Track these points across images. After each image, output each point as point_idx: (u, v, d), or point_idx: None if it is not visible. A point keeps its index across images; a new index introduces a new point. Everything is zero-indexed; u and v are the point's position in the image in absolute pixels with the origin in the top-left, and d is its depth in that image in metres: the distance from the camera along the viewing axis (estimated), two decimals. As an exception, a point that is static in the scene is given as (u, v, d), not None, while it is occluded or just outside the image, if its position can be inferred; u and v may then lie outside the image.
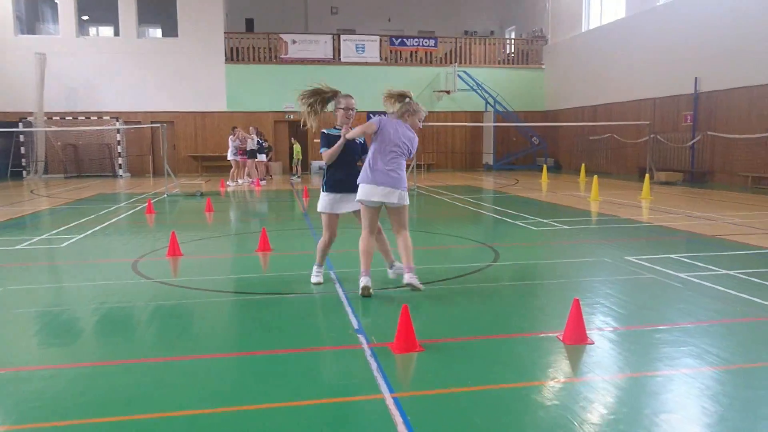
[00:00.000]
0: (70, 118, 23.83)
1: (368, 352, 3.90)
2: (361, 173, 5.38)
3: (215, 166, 24.91)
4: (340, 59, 25.88)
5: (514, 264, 6.83)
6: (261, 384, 3.47)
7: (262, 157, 19.54)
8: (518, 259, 7.16)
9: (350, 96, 5.75)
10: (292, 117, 25.77)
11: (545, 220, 10.08)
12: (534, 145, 25.91)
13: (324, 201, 5.65)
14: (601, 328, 4.39)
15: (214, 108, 25.08)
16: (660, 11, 19.70)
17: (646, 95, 20.48)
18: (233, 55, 25.39)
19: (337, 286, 5.69)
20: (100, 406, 3.18)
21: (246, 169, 19.23)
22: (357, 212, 5.61)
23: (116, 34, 25.67)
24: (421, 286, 5.29)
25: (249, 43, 25.76)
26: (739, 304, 4.96)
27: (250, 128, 19.48)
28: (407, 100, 5.56)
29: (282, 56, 25.44)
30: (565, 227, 9.36)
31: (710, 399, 3.19)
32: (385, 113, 5.63)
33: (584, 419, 2.97)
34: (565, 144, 25.89)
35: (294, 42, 25.57)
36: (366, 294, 5.17)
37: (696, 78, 18.01)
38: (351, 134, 5.44)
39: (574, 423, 2.93)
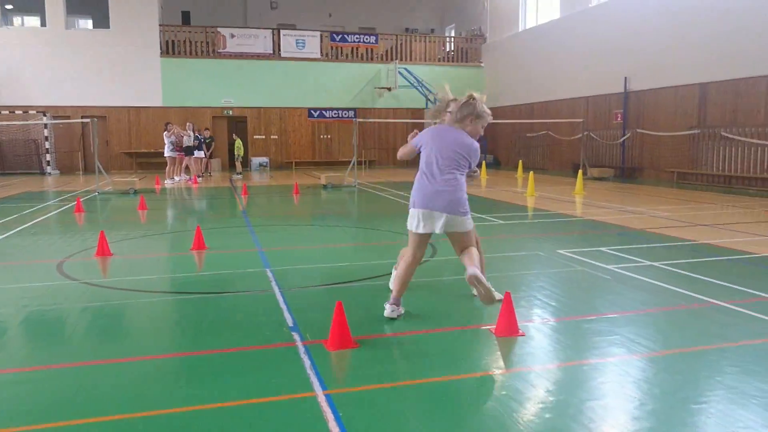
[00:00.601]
0: (-7, 112, 22.61)
1: (302, 350, 3.86)
2: (411, 194, 4.56)
3: (150, 162, 24.19)
4: (280, 54, 25.58)
5: (451, 259, 6.89)
6: (193, 386, 3.38)
7: (200, 154, 19.06)
8: (453, 254, 7.23)
9: (458, 100, 4.83)
10: (231, 112, 25.30)
11: (483, 216, 10.25)
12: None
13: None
14: (532, 320, 4.49)
15: (149, 103, 24.32)
16: (592, 13, 20.36)
17: (579, 93, 21.15)
18: (169, 49, 24.67)
19: (273, 284, 5.60)
20: (22, 414, 3.01)
21: (183, 165, 18.76)
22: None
23: (43, 24, 24.53)
24: (491, 289, 4.18)
25: (185, 36, 25.10)
26: (663, 294, 5.18)
27: (187, 124, 18.97)
28: (471, 100, 4.60)
29: (220, 50, 24.92)
30: (502, 222, 9.55)
31: (633, 385, 3.31)
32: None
33: (513, 410, 3.02)
34: (504, 141, 26.45)
35: (233, 36, 25.08)
36: (473, 283, 4.14)
37: (626, 78, 18.72)
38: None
39: (504, 415, 2.98)
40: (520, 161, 21.37)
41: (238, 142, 21.64)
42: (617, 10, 19.09)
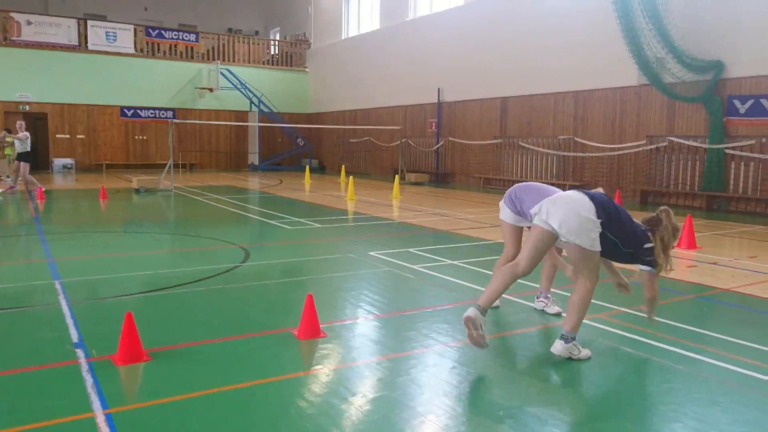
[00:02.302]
0: None
1: (85, 367, 3.55)
2: None
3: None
4: (87, 47, 23.49)
5: (262, 263, 6.84)
6: (-59, 418, 2.94)
7: None
8: (267, 258, 7.19)
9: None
10: (27, 108, 22.67)
11: (302, 219, 10.29)
12: (299, 146, 26.39)
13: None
14: (333, 321, 4.58)
15: None
16: (409, 26, 21.46)
17: (398, 102, 22.17)
18: (-53, 32, 21.48)
19: (61, 297, 5.10)
20: None
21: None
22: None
23: None
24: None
25: (-31, 19, 22.02)
26: (458, 290, 5.59)
27: None
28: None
29: (13, 38, 22.25)
30: (320, 226, 9.67)
31: (426, 375, 3.51)
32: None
33: (302, 409, 3.06)
34: (328, 146, 26.84)
35: (29, 23, 22.54)
36: (468, 326, 3.70)
37: (439, 89, 20.00)
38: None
39: (295, 415, 3.00)
40: (343, 166, 21.84)
41: (10, 138, 17.77)
42: (431, 26, 20.33)
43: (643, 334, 4.29)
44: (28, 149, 14.59)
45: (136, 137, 24.72)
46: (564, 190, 4.32)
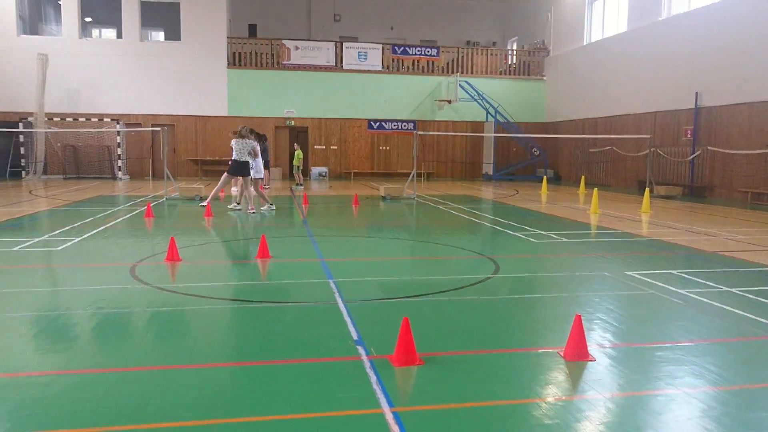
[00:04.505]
0: (71, 119, 23.82)
1: (367, 365, 3.86)
2: None
3: (215, 170, 24.89)
4: (342, 66, 25.94)
5: (514, 276, 6.80)
6: (258, 395, 3.43)
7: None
8: (518, 271, 7.13)
9: None
10: (293, 123, 25.80)
11: (545, 232, 10.05)
12: (534, 156, 25.96)
13: None
14: (602, 344, 4.35)
15: (215, 112, 25.10)
16: (662, 25, 19.77)
17: (646, 109, 20.53)
18: (236, 60, 25.42)
19: (337, 295, 5.65)
20: (95, 414, 3.13)
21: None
22: None
23: (119, 36, 25.73)
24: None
25: (252, 48, 25.81)
26: (741, 322, 4.93)
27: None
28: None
29: (284, 62, 25.49)
30: (565, 240, 9.34)
31: (713, 420, 3.15)
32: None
33: (586, 439, 2.93)
34: (565, 155, 25.93)
35: (297, 48, 25.62)
36: None
37: (697, 93, 18.06)
38: None
39: (576, 442, 2.89)
40: (583, 177, 20.88)
41: (298, 152, 21.49)
42: (687, 24, 18.47)
43: None
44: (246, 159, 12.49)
45: (381, 148, 26.58)
46: None
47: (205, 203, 12.21)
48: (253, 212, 12.27)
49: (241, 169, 12.41)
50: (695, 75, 18.11)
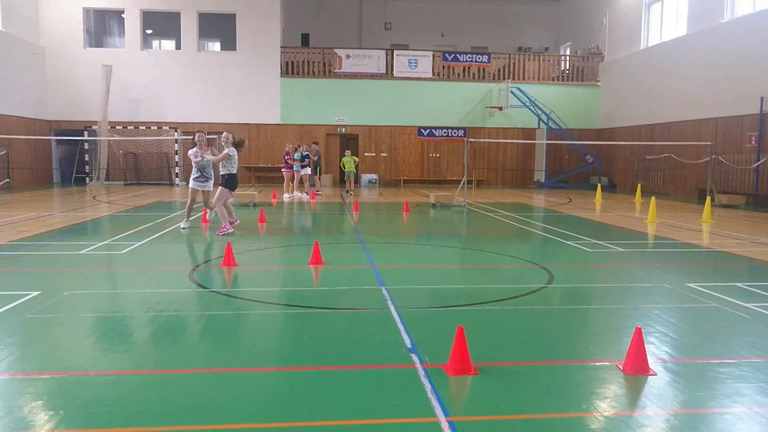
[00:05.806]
0: (132, 127, 24.77)
1: (422, 373, 3.86)
2: None
3: (268, 176, 25.40)
4: (392, 74, 26.08)
5: (569, 287, 6.67)
6: (313, 400, 3.48)
7: (306, 171, 19.19)
8: (572, 281, 6.99)
9: None
10: (344, 130, 26.08)
11: (600, 242, 9.83)
12: (588, 163, 25.43)
13: None
14: (663, 358, 4.23)
15: (268, 120, 25.63)
16: (723, 29, 19.10)
17: (707, 115, 19.84)
18: (288, 69, 25.90)
19: (389, 302, 5.67)
20: (158, 414, 3.25)
21: (296, 181, 19.31)
22: None
23: (177, 47, 26.60)
24: None
25: (304, 57, 26.25)
26: (813, 339, 4.70)
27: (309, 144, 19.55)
28: None
29: (336, 70, 25.82)
30: (621, 249, 9.11)
31: (784, 441, 3.02)
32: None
33: (648, 456, 2.86)
34: (620, 163, 25.30)
35: (348, 56, 25.92)
36: None
37: (762, 98, 17.34)
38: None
39: (638, 459, 2.82)
40: (639, 185, 20.32)
41: (348, 159, 20.97)
42: (753, 26, 17.78)
43: None
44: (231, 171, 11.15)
45: (430, 155, 26.56)
46: None
47: (228, 230, 10.23)
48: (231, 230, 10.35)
49: (236, 182, 11.11)
50: (760, 79, 17.41)
